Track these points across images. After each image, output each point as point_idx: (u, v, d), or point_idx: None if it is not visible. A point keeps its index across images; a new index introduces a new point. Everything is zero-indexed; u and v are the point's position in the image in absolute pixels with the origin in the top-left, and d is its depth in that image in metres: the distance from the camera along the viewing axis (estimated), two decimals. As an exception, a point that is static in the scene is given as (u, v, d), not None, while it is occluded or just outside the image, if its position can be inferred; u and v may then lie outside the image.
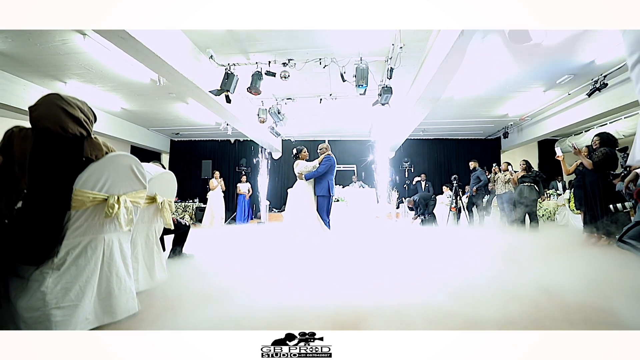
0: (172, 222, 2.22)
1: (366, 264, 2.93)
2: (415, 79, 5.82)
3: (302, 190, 4.52)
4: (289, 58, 5.05)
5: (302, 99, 6.85)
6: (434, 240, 4.86)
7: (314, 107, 7.32)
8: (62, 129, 1.33)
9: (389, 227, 6.66)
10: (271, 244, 4.31)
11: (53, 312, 1.27)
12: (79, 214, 1.37)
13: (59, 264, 1.33)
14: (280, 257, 3.39)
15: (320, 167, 4.47)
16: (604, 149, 4.12)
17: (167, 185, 2.22)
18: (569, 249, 3.86)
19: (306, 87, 6.39)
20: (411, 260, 3.14)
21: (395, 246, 4.16)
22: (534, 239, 4.86)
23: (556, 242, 4.49)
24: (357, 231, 5.88)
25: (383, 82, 5.67)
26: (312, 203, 4.48)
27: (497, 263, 2.87)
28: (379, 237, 5.11)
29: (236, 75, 5.03)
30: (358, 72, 4.85)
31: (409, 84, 6.34)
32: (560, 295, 1.84)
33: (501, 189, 6.35)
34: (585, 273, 2.48)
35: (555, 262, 2.94)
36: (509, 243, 4.17)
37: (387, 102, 5.73)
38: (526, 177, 5.81)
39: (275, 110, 6.62)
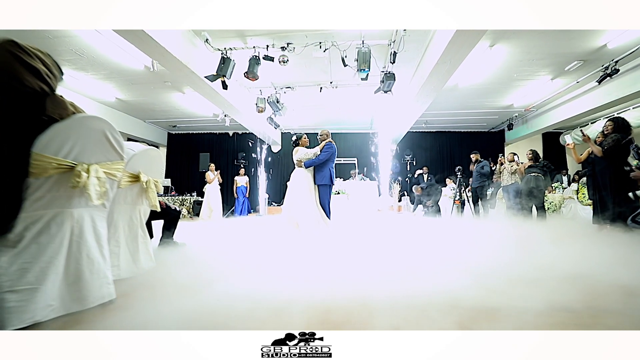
0: (158, 204, 2.02)
1: (372, 254, 2.74)
2: (419, 65, 5.61)
3: (301, 178, 4.32)
4: (288, 42, 4.84)
5: (301, 87, 6.64)
6: (440, 230, 4.67)
7: (314, 97, 7.12)
8: (18, 82, 1.13)
9: (391, 220, 6.47)
10: (268, 235, 4.12)
11: (6, 296, 1.08)
12: (40, 183, 1.18)
13: (16, 241, 1.14)
14: (276, 247, 3.21)
15: (322, 154, 4.27)
16: (615, 135, 3.92)
17: (153, 163, 2.03)
18: (580, 236, 3.69)
19: (306, 74, 6.18)
20: (423, 249, 2.96)
21: (401, 237, 3.97)
22: (543, 228, 4.68)
23: (565, 230, 4.32)
24: (358, 223, 5.69)
25: (386, 68, 5.46)
26: (312, 192, 4.29)
27: (511, 250, 2.71)
28: (382, 229, 4.93)
29: (233, 60, 4.83)
30: (360, 55, 4.64)
31: (412, 72, 6.13)
32: (583, 280, 1.72)
33: (507, 180, 6.15)
34: (602, 255, 2.37)
35: (569, 248, 2.80)
36: (518, 232, 4.01)
37: (390, 90, 5.53)
38: (534, 167, 5.61)
39: (274, 99, 6.41)
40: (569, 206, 7.36)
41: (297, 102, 7.60)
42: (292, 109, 7.82)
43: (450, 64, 4.42)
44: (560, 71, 5.98)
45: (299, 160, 4.38)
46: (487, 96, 7.43)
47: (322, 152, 4.29)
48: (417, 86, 5.71)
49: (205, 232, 4.83)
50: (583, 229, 4.49)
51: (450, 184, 7.72)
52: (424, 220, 6.37)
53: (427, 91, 5.65)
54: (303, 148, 4.47)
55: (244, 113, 7.12)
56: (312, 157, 4.29)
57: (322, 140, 4.44)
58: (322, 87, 6.45)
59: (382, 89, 5.53)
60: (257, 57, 4.82)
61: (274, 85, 6.58)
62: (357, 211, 7.54)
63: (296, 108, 7.94)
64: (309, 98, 7.33)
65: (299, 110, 8.13)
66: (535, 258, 2.37)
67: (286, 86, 6.58)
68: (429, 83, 5.32)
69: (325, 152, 4.27)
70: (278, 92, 6.58)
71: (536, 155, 5.71)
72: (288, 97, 6.96)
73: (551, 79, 6.35)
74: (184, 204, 8.99)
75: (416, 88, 5.77)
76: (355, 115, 8.94)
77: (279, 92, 6.59)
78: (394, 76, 5.24)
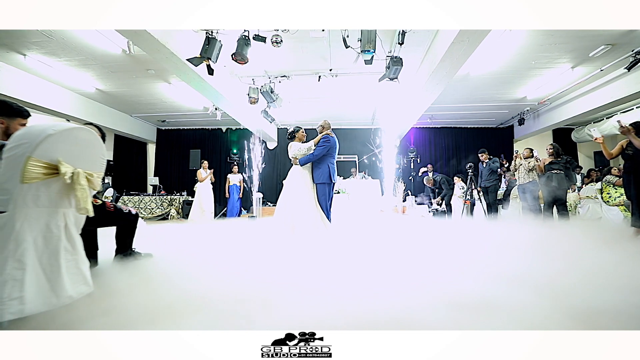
0: (90, 206, 1.43)
1: (379, 262, 2.23)
2: (430, 49, 5.03)
3: (297, 177, 3.75)
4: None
5: (298, 76, 6.05)
6: (453, 233, 4.12)
7: (311, 87, 6.54)
8: None
9: (397, 221, 5.90)
10: (261, 240, 3.52)
11: None
12: None
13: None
14: (269, 255, 2.64)
15: (317, 149, 3.70)
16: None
17: (82, 149, 1.44)
18: (615, 243, 3.16)
19: (303, 61, 5.59)
20: (442, 253, 2.52)
21: (410, 241, 3.40)
22: (568, 231, 4.16)
23: (598, 233, 3.77)
24: (361, 225, 5.12)
25: (392, 52, 4.89)
26: (310, 192, 3.71)
27: (549, 257, 2.30)
28: (388, 232, 4.35)
29: (219, 41, 4.23)
30: (364, 34, 4.05)
31: (420, 58, 5.56)
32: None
33: (524, 177, 5.58)
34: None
35: (614, 256, 2.36)
36: (541, 235, 3.52)
37: (396, 77, 4.96)
38: (555, 164, 5.06)
39: (268, 88, 5.82)
40: (586, 206, 6.83)
41: (294, 93, 7.01)
42: (288, 101, 7.21)
43: (469, 43, 3.85)
44: (584, 58, 5.42)
45: (293, 156, 3.81)
46: (500, 87, 6.86)
47: (318, 146, 3.71)
48: (427, 72, 5.13)
49: (191, 236, 4.26)
50: (619, 232, 3.94)
51: (459, 183, 7.15)
52: (434, 222, 5.81)
53: (438, 78, 5.08)
54: (297, 143, 3.90)
55: (235, 105, 6.52)
56: (306, 152, 3.72)
57: (320, 132, 3.87)
58: (321, 76, 5.87)
59: (387, 76, 4.95)
60: (247, 37, 4.23)
61: (268, 73, 5.99)
62: (358, 212, 6.97)
63: (292, 100, 7.34)
64: (306, 89, 6.74)
65: (295, 103, 7.54)
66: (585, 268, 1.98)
67: (281, 75, 5.99)
68: (441, 68, 4.75)
69: (321, 146, 3.70)
70: (272, 81, 5.99)
71: (557, 150, 5.16)
72: (283, 88, 6.36)
73: (572, 67, 5.79)
74: (173, 204, 8.39)
75: (426, 75, 5.20)
76: (356, 109, 8.34)
77: (273, 81, 6.00)
78: (402, 61, 4.66)
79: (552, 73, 6.08)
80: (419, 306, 1.32)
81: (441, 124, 9.81)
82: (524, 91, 7.06)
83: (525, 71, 6.01)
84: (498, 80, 6.42)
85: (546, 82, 6.48)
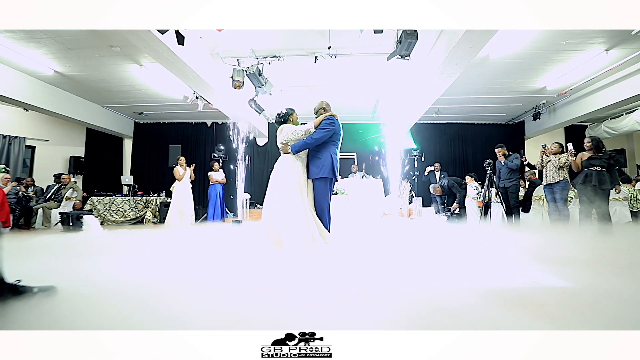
0: None
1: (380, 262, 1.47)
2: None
3: (286, 169, 2.85)
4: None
5: (291, 57, 5.17)
6: (472, 243, 3.32)
7: (306, 70, 5.68)
8: None
9: (405, 227, 5.06)
10: (242, 255, 2.62)
11: None
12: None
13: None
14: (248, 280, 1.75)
15: (317, 132, 2.81)
16: None
17: None
18: None
19: (297, 37, 4.72)
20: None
21: (426, 255, 2.54)
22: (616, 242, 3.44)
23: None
24: (364, 233, 4.25)
25: (404, 23, 4.05)
26: (302, 191, 2.81)
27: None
28: (398, 242, 3.50)
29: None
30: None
31: (434, 37, 4.74)
32: None
33: (553, 176, 4.80)
34: None
35: None
36: (589, 248, 2.87)
37: (409, 54, 4.13)
38: (595, 159, 4.28)
39: (255, 70, 4.93)
40: (613, 209, 6.11)
41: (286, 80, 6.13)
42: (280, 89, 6.34)
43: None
44: (623, 37, 4.67)
45: (283, 142, 2.92)
46: (519, 75, 6.08)
47: (319, 129, 2.84)
48: (444, 53, 4.31)
49: (156, 247, 3.37)
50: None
51: (472, 183, 6.35)
52: (449, 228, 4.99)
53: (457, 58, 4.26)
54: (291, 125, 3.02)
55: (218, 90, 5.61)
56: (302, 136, 2.84)
57: (320, 114, 3.00)
58: (318, 57, 5.00)
59: (397, 53, 4.12)
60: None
61: (255, 53, 5.09)
62: (359, 215, 6.12)
63: (284, 88, 6.46)
64: (301, 73, 5.88)
65: (287, 92, 6.65)
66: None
67: (271, 55, 5.10)
68: (461, 46, 3.94)
69: (323, 129, 2.81)
70: (260, 62, 5.10)
71: (597, 144, 4.38)
72: (274, 72, 5.48)
73: (606, 49, 5.04)
74: (149, 206, 7.40)
75: (443, 53, 4.37)
76: (357, 100, 7.49)
77: (261, 62, 5.11)
78: (416, 33, 3.84)
79: (582, 57, 5.32)
80: (419, 312, 1.25)
81: (447, 119, 9.02)
82: (545, 80, 6.30)
83: (552, 54, 5.24)
84: (519, 66, 5.64)
85: (572, 69, 5.72)
